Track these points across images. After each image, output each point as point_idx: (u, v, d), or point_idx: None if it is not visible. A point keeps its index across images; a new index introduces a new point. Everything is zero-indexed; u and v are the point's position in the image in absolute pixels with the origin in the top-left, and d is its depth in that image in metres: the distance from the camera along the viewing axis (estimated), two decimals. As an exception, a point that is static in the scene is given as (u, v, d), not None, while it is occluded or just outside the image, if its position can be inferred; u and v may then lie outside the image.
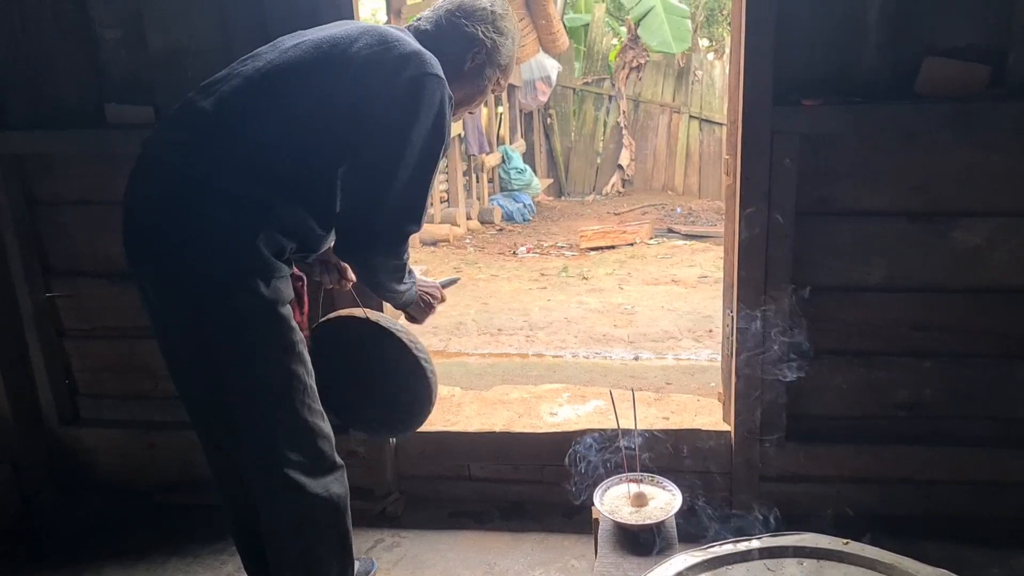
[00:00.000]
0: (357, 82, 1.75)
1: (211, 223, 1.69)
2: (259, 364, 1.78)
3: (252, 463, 1.87)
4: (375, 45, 1.78)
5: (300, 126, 1.75)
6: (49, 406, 2.83)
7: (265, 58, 1.81)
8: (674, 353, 4.59)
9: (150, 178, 1.78)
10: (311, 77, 1.76)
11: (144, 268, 1.79)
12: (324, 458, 1.90)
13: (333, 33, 1.83)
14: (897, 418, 2.49)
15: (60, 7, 2.48)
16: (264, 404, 1.80)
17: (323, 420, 1.90)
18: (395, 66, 1.75)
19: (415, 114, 1.74)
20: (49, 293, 2.74)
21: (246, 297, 1.71)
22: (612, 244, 7.74)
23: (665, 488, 2.23)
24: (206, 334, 1.75)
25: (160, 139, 1.82)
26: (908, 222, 2.32)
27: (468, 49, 1.93)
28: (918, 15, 2.18)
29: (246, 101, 1.75)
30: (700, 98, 10.64)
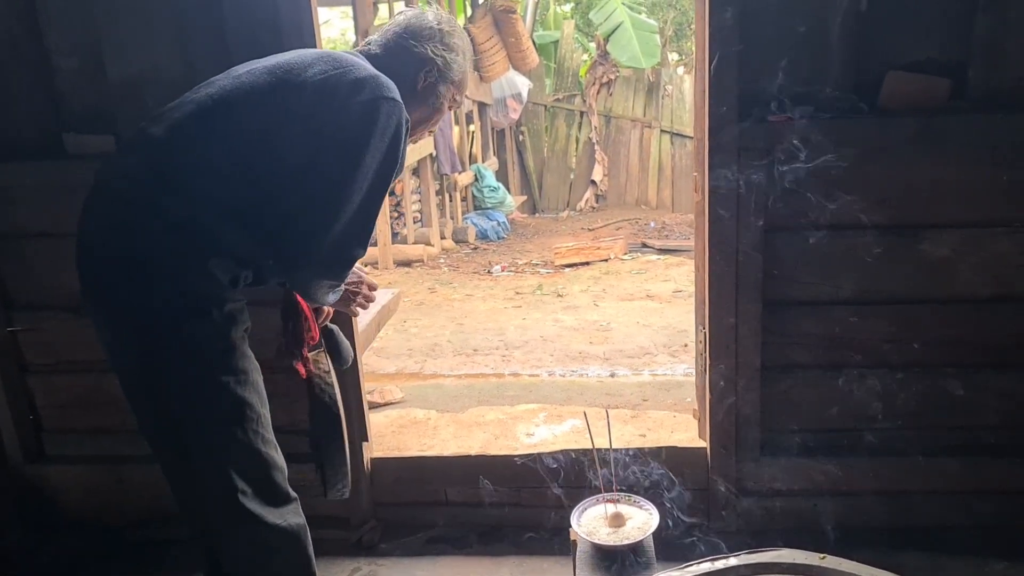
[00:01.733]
0: (311, 106, 1.73)
1: (160, 248, 1.67)
2: (209, 391, 1.75)
3: (207, 494, 1.83)
4: (330, 70, 1.77)
5: (252, 151, 1.72)
6: (13, 444, 2.76)
7: (218, 84, 1.79)
8: (650, 369, 4.59)
9: (99, 206, 1.76)
10: (264, 102, 1.74)
11: (95, 297, 1.77)
12: (278, 489, 1.87)
13: (288, 59, 1.81)
14: (872, 430, 2.48)
15: (15, 36, 2.44)
16: (215, 432, 1.77)
17: (276, 451, 1.88)
18: (350, 90, 1.74)
19: (368, 137, 1.72)
20: (10, 328, 2.68)
21: (197, 323, 1.70)
22: (586, 260, 7.75)
23: (642, 507, 2.22)
24: (157, 360, 1.72)
25: (110, 167, 1.79)
26: (876, 235, 2.32)
27: (419, 69, 1.92)
28: (879, 30, 2.21)
29: (197, 127, 1.73)
30: (671, 112, 10.72)
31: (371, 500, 2.75)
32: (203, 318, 1.70)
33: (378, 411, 3.65)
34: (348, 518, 2.71)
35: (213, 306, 1.70)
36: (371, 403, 3.55)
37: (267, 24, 2.34)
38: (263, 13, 2.34)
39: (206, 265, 1.68)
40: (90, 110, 2.49)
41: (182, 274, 1.68)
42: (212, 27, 2.36)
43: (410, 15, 1.99)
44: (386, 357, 5.03)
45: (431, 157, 8.61)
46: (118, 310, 1.73)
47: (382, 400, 4.05)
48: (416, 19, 1.96)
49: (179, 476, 1.88)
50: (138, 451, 2.72)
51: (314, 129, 1.73)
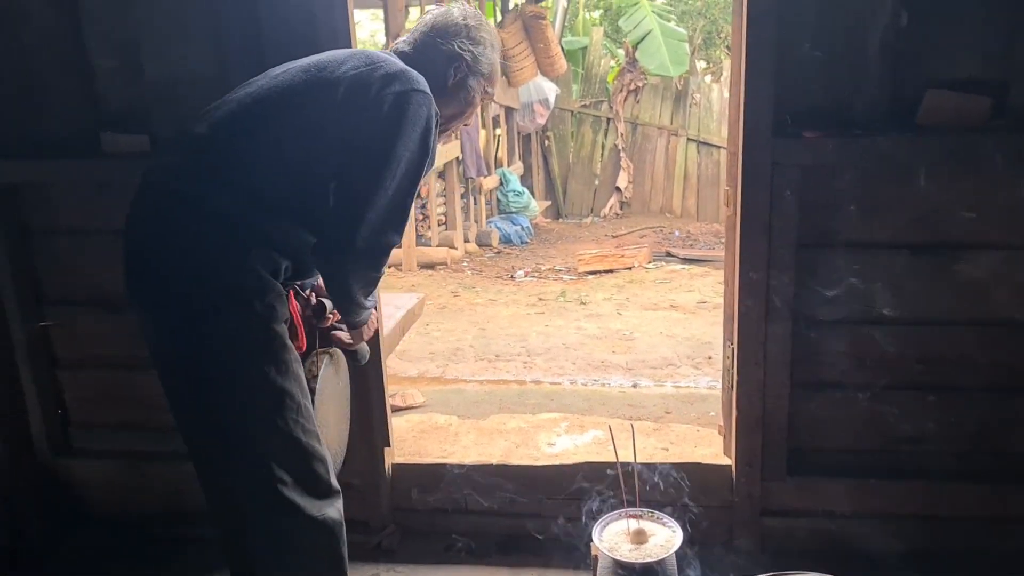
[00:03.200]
0: (344, 101, 1.78)
1: (202, 241, 1.71)
2: (249, 380, 1.77)
3: (245, 484, 1.85)
4: (362, 66, 1.82)
5: (290, 146, 1.78)
6: (41, 437, 2.79)
7: (256, 84, 1.86)
8: (673, 381, 4.56)
9: (144, 203, 1.81)
10: (300, 99, 1.80)
11: (139, 292, 1.81)
12: (320, 480, 1.88)
13: (321, 58, 1.87)
14: (900, 452, 2.46)
15: (55, 37, 2.46)
16: (255, 422, 1.79)
17: (318, 442, 1.88)
18: (381, 83, 1.79)
19: (400, 127, 1.76)
20: (42, 322, 2.71)
21: (238, 314, 1.73)
22: (610, 268, 7.72)
23: (665, 524, 2.20)
24: (198, 351, 1.76)
25: (156, 165, 1.86)
26: (911, 254, 2.30)
27: (448, 65, 1.96)
28: (919, 47, 2.18)
29: (236, 124, 1.79)
30: (698, 121, 10.66)
31: (391, 505, 2.75)
32: (245, 309, 1.73)
33: (400, 415, 3.65)
34: (367, 522, 2.71)
35: (255, 297, 1.73)
36: (393, 407, 3.55)
37: (302, 26, 2.34)
38: (299, 16, 2.35)
39: (247, 257, 1.71)
40: (126, 110, 2.51)
41: (224, 266, 1.72)
42: (248, 29, 2.37)
43: (437, 13, 2.03)
44: (408, 360, 5.03)
45: (457, 160, 8.62)
46: (161, 303, 1.77)
47: (404, 404, 4.05)
48: (443, 16, 2.00)
49: (217, 468, 1.90)
50: (161, 448, 2.75)
51: (347, 122, 1.78)
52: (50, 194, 2.60)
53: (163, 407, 2.68)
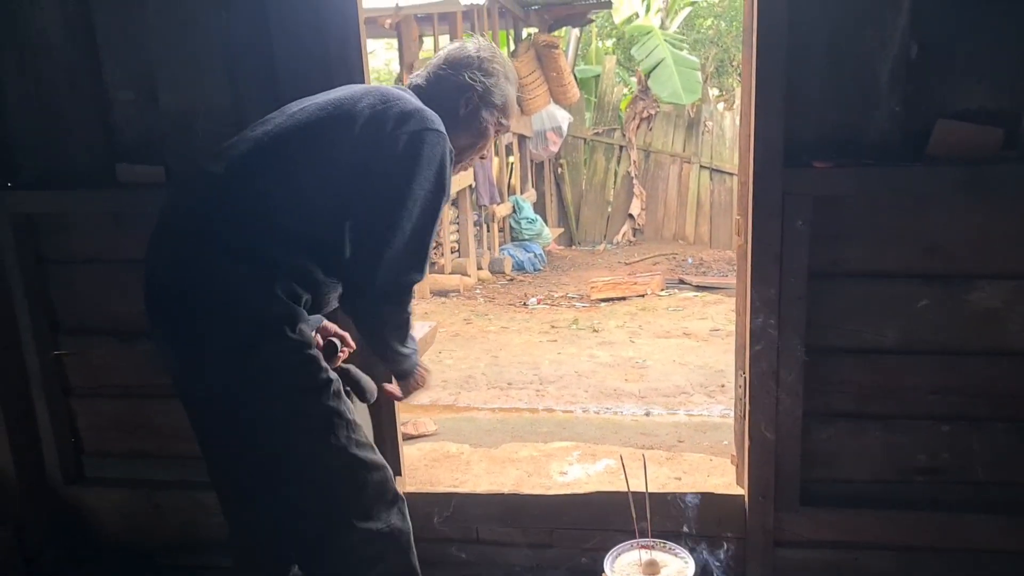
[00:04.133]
0: (360, 138, 1.80)
1: (228, 277, 1.72)
2: (295, 406, 1.77)
3: (306, 511, 1.84)
4: (377, 104, 1.84)
5: (307, 183, 1.79)
6: (54, 465, 2.80)
7: (273, 122, 1.87)
8: (686, 409, 4.54)
9: (164, 244, 1.82)
10: (317, 136, 1.82)
11: (166, 330, 1.81)
12: (380, 491, 1.88)
13: (338, 96, 1.89)
14: (915, 483, 2.43)
15: (74, 69, 2.50)
16: (308, 446, 1.79)
17: (373, 451, 1.89)
18: (396, 122, 1.81)
19: (415, 166, 1.78)
20: (57, 351, 2.73)
21: (274, 343, 1.73)
22: (623, 295, 7.72)
23: (677, 555, 2.19)
24: (237, 386, 1.75)
25: (172, 205, 1.87)
26: (923, 284, 2.29)
27: (459, 96, 1.98)
28: (930, 78, 2.18)
29: (253, 162, 1.81)
30: (711, 148, 10.70)
31: (403, 535, 2.73)
32: (279, 338, 1.73)
33: (412, 443, 3.64)
34: (379, 552, 2.70)
35: (286, 325, 1.74)
36: (405, 435, 3.55)
37: (315, 57, 2.37)
38: (312, 47, 2.37)
39: (274, 287, 1.72)
40: (142, 141, 2.54)
41: (253, 298, 1.72)
42: (262, 61, 2.41)
43: (451, 47, 2.07)
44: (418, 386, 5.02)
45: (470, 188, 8.67)
46: (193, 341, 1.77)
47: (416, 432, 4.04)
48: (455, 50, 2.05)
49: (263, 502, 1.87)
50: (174, 477, 2.76)
51: (363, 160, 1.79)
52: (66, 224, 2.63)
53: (176, 436, 2.72)
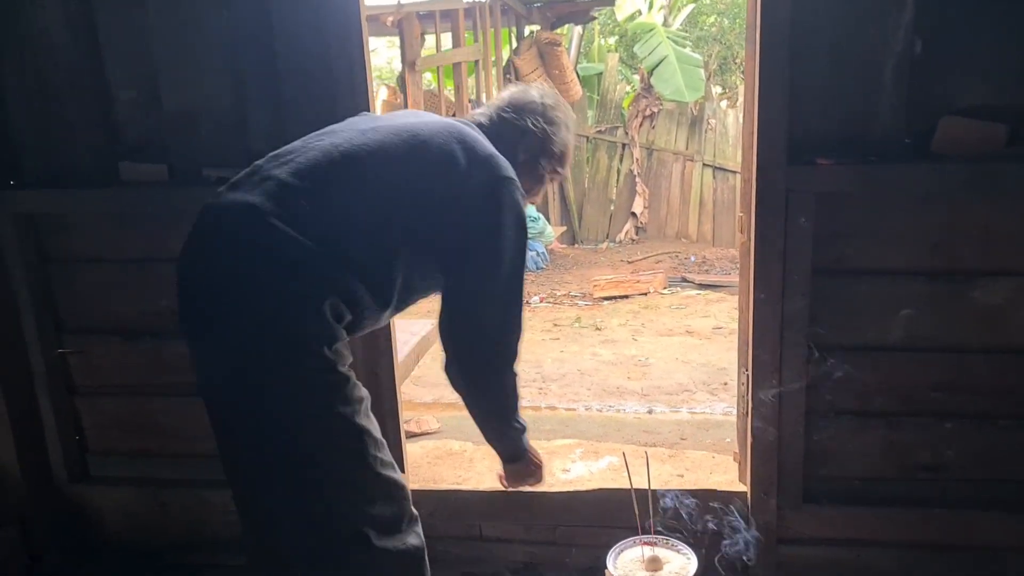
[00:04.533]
0: (436, 176, 1.78)
1: (279, 290, 1.67)
2: (329, 423, 1.75)
3: (320, 528, 1.81)
4: (454, 142, 1.81)
5: (376, 208, 1.76)
6: (58, 464, 2.80)
7: (342, 136, 1.82)
8: (688, 407, 4.54)
9: (213, 244, 1.75)
10: (391, 164, 1.78)
11: (203, 334, 1.76)
12: (399, 511, 1.87)
13: (412, 124, 1.85)
14: (918, 481, 2.43)
15: (76, 68, 2.51)
16: (337, 463, 1.78)
17: (395, 471, 1.87)
18: (472, 167, 1.79)
19: (500, 219, 1.79)
20: (61, 350, 2.74)
21: (313, 361, 1.70)
22: (626, 293, 7.71)
23: (680, 552, 2.19)
24: (273, 397, 1.72)
25: (225, 205, 1.77)
26: (927, 281, 2.28)
27: (520, 141, 1.98)
28: (934, 74, 2.17)
29: (322, 175, 1.75)
30: (713, 146, 10.68)
31: (406, 533, 2.74)
32: (317, 357, 1.69)
33: (415, 441, 3.64)
34: (383, 550, 2.70)
35: (325, 344, 1.70)
36: (408, 432, 3.55)
37: (318, 57, 2.37)
38: (314, 46, 2.38)
39: (323, 307, 1.68)
40: (145, 140, 2.54)
41: (299, 318, 1.68)
42: (264, 60, 2.41)
43: (515, 90, 2.06)
44: (423, 386, 5.03)
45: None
46: (232, 349, 1.71)
47: (419, 430, 4.05)
48: (519, 93, 2.03)
49: (282, 512, 1.84)
50: (179, 476, 2.77)
51: (438, 200, 1.78)
52: (69, 223, 2.63)
53: (181, 435, 2.73)
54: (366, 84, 2.40)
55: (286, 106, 2.42)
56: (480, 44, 7.77)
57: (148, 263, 2.61)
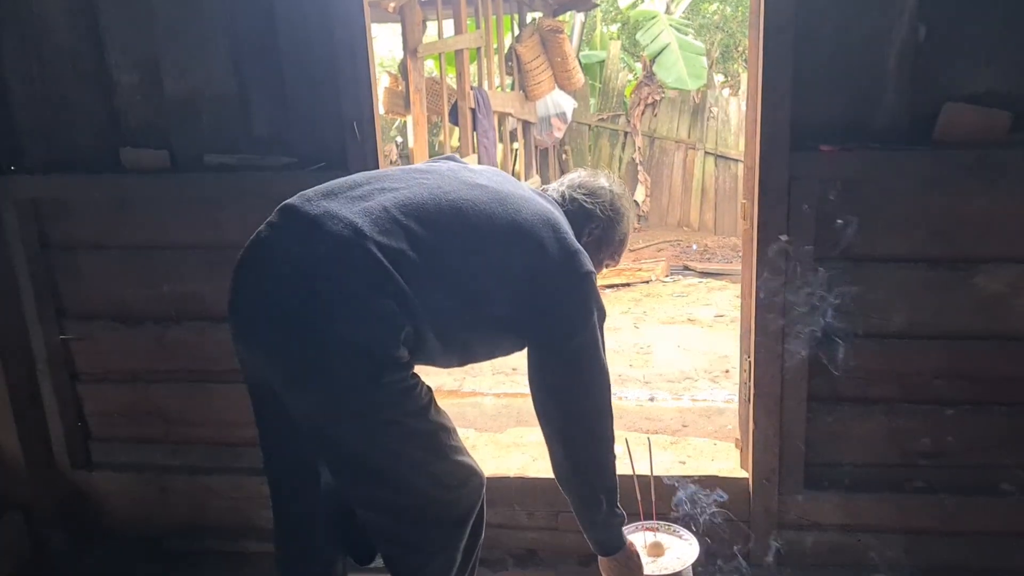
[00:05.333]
0: (530, 260, 1.79)
1: (370, 311, 1.65)
2: (408, 426, 1.77)
3: (399, 520, 1.84)
4: (550, 231, 1.82)
5: (471, 273, 1.76)
6: (61, 450, 2.81)
7: (449, 183, 1.80)
8: (690, 394, 4.54)
9: (313, 251, 1.68)
10: (496, 233, 1.77)
11: (284, 336, 1.69)
12: (473, 491, 1.91)
13: (515, 196, 1.85)
14: (919, 467, 2.44)
15: (79, 52, 2.50)
16: (420, 460, 1.80)
17: (467, 455, 1.91)
18: (564, 260, 1.81)
19: (589, 311, 1.84)
20: (63, 336, 2.74)
21: (391, 374, 1.70)
22: (627, 281, 7.70)
23: (682, 537, 2.20)
24: (356, 406, 1.71)
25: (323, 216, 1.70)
26: (928, 268, 2.28)
27: (587, 223, 2.01)
28: (938, 61, 2.17)
29: (429, 219, 1.72)
30: (715, 134, 10.64)
31: (408, 519, 2.75)
32: (395, 369, 1.70)
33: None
34: (385, 536, 2.71)
35: (400, 356, 1.70)
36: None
37: (320, 45, 2.37)
38: (317, 33, 2.37)
39: (399, 333, 1.67)
40: (146, 125, 2.54)
41: (381, 332, 1.66)
42: (265, 46, 2.41)
43: (586, 174, 2.09)
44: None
45: (474, 174, 8.63)
46: (314, 354, 1.67)
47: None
48: (592, 178, 2.07)
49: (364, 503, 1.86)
50: (181, 462, 2.78)
51: (527, 289, 1.79)
52: (71, 209, 2.63)
53: (183, 421, 2.75)
54: (369, 70, 2.40)
55: (288, 93, 2.42)
56: (482, 31, 7.72)
57: (150, 249, 2.62)
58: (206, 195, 2.51)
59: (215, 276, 2.50)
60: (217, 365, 2.63)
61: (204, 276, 2.59)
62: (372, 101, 2.43)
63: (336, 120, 2.42)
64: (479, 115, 7.27)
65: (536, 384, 1.88)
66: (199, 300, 2.63)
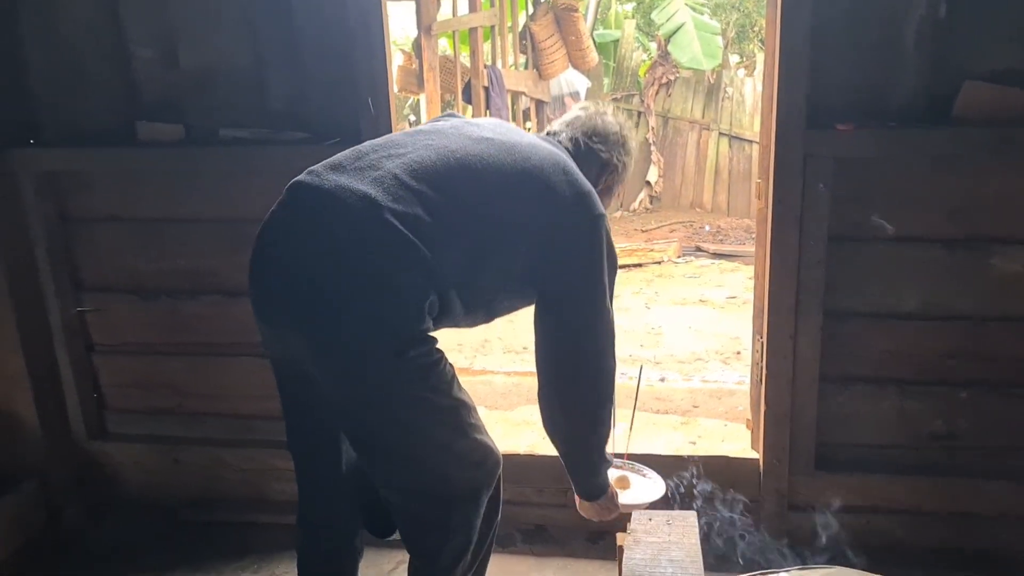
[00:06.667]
0: (543, 206, 1.78)
1: (391, 283, 1.65)
2: (431, 402, 1.76)
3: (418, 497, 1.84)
4: (560, 174, 1.81)
5: (486, 227, 1.75)
6: (77, 420, 2.84)
7: (455, 141, 1.79)
8: (701, 375, 4.54)
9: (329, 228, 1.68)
10: (507, 186, 1.77)
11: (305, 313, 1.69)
12: (493, 469, 1.90)
13: (522, 144, 1.83)
14: (931, 449, 2.43)
15: (96, 26, 2.51)
16: (440, 436, 1.80)
17: (485, 434, 1.89)
18: (576, 202, 1.80)
19: (599, 254, 1.82)
20: (79, 308, 2.76)
21: (415, 347, 1.70)
22: (639, 262, 7.68)
23: (647, 476, 2.25)
24: (378, 381, 1.71)
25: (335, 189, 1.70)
26: (944, 248, 2.27)
27: (603, 172, 2.01)
28: (956, 39, 2.15)
29: (441, 180, 1.72)
30: (730, 115, 10.56)
31: (419, 493, 2.77)
32: (417, 341, 1.70)
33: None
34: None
35: (423, 330, 1.71)
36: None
37: (335, 20, 2.37)
38: (332, 8, 2.37)
39: (423, 303, 1.67)
40: (162, 99, 2.54)
41: (404, 305, 1.66)
42: (281, 21, 2.41)
43: (594, 116, 2.04)
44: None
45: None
46: (335, 330, 1.68)
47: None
48: (602, 123, 2.02)
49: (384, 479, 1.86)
50: (194, 433, 2.81)
51: (543, 228, 1.78)
52: (88, 181, 2.64)
53: (196, 394, 2.77)
54: (384, 46, 2.39)
55: (304, 68, 2.42)
56: (496, 9, 7.67)
57: (165, 223, 2.63)
58: (221, 169, 2.52)
59: (229, 250, 2.52)
60: (230, 338, 2.65)
61: (218, 250, 2.60)
62: (387, 77, 2.43)
63: (351, 95, 2.41)
64: (492, 93, 7.24)
65: (546, 327, 1.85)
66: (213, 273, 2.64)
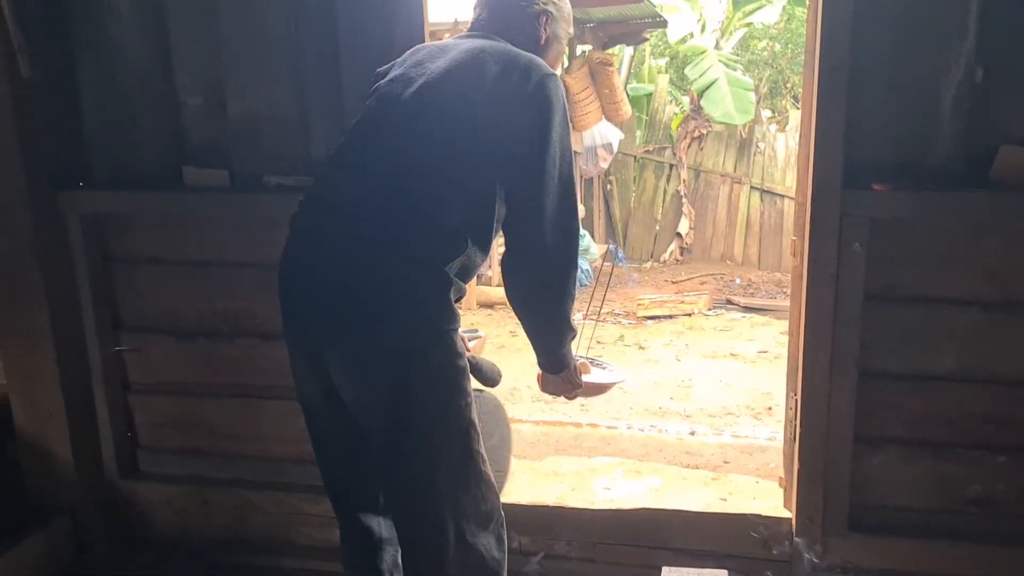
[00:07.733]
0: (493, 96, 1.78)
1: (414, 287, 1.68)
2: (451, 415, 1.76)
3: (435, 519, 1.80)
4: (499, 61, 1.81)
5: (456, 158, 1.76)
6: (110, 458, 2.87)
7: (392, 104, 1.84)
8: (732, 430, 4.49)
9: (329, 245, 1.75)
10: (450, 100, 1.80)
11: (328, 335, 1.75)
12: (492, 506, 1.86)
13: (462, 60, 1.84)
14: (968, 514, 2.39)
15: (148, 75, 2.59)
16: (454, 454, 1.78)
17: (488, 467, 1.86)
18: (521, 76, 1.78)
19: (549, 115, 1.77)
20: (118, 347, 2.81)
21: (441, 350, 1.72)
22: (670, 314, 7.67)
23: (608, 368, 2.34)
24: (407, 391, 1.72)
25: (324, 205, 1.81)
26: (981, 311, 2.25)
27: (538, 23, 1.97)
28: (994, 103, 2.16)
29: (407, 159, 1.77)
30: (762, 169, 10.59)
31: (446, 542, 2.75)
32: (444, 344, 1.71)
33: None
34: (422, 559, 2.72)
35: (450, 328, 1.73)
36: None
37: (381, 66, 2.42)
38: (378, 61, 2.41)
39: (448, 294, 1.70)
40: (208, 145, 2.61)
41: (433, 310, 1.70)
42: (326, 70, 2.47)
43: None
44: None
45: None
46: (361, 345, 1.71)
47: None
48: None
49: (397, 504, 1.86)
50: (225, 475, 2.82)
51: (499, 117, 1.77)
52: (132, 223, 2.71)
53: (229, 435, 2.79)
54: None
55: (348, 117, 2.47)
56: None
57: (207, 266, 2.68)
58: (263, 214, 2.57)
59: (267, 294, 2.54)
60: (265, 381, 2.68)
61: (257, 294, 2.64)
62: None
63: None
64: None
65: (511, 199, 1.81)
66: (251, 317, 2.68)
